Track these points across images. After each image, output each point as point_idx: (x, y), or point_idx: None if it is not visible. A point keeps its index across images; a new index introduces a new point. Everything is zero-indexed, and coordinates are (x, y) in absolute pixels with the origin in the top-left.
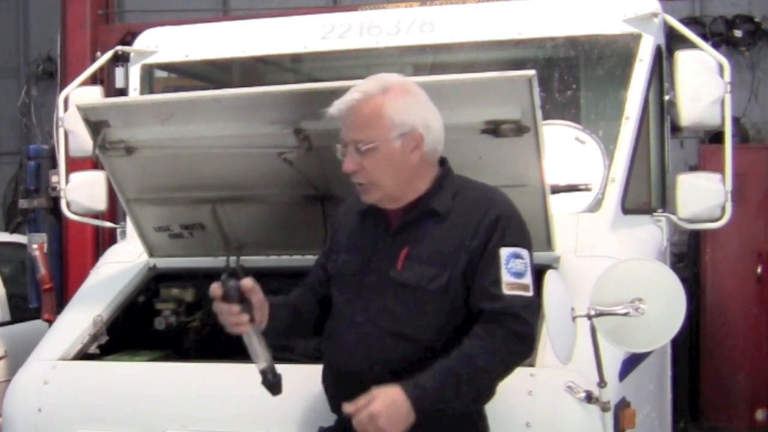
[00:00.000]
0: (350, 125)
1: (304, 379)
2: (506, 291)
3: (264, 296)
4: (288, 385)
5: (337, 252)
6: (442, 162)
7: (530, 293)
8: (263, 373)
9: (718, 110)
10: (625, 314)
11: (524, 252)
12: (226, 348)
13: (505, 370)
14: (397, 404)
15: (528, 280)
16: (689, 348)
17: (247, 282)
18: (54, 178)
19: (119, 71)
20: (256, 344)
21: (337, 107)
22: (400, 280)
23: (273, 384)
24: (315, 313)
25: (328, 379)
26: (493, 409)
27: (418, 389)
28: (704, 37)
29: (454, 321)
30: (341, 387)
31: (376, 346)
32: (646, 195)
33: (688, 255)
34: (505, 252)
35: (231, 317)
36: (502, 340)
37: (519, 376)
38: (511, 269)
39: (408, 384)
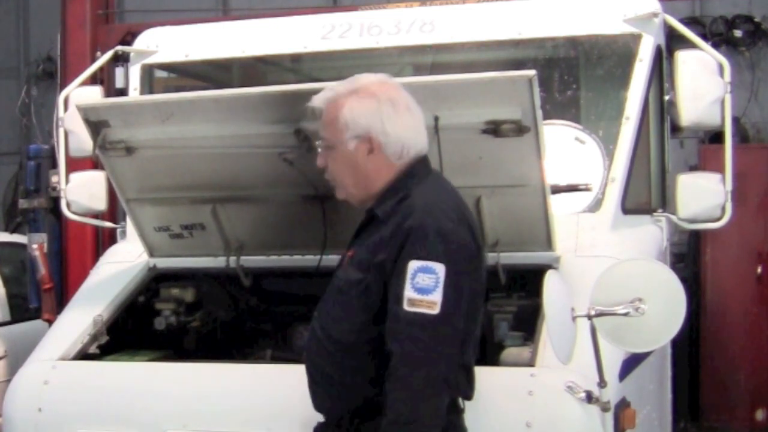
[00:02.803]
0: (320, 122)
1: (304, 379)
2: (407, 308)
3: None
4: (288, 385)
5: None
6: (422, 163)
7: (435, 311)
8: None
9: (718, 110)
10: (625, 314)
11: (438, 267)
12: (226, 348)
13: (423, 396)
14: None
15: (436, 297)
16: (689, 348)
17: None
18: (54, 178)
19: (119, 71)
20: None
21: (314, 102)
22: (335, 282)
23: None
24: None
25: None
26: (493, 409)
27: None
28: (704, 37)
29: (377, 323)
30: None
31: (313, 345)
32: (646, 195)
33: (688, 255)
34: (412, 266)
35: None
36: (404, 378)
37: (519, 376)
38: (417, 284)
39: None
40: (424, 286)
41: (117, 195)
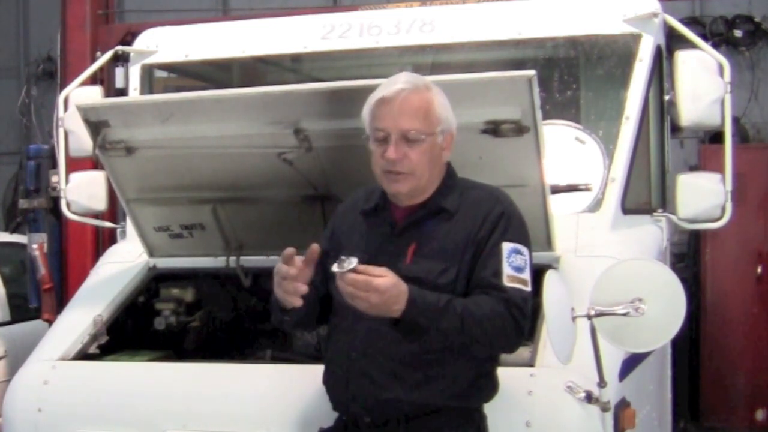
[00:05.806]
0: (398, 114)
1: (304, 379)
2: (507, 283)
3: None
4: (288, 385)
5: (338, 250)
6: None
7: (529, 288)
8: None
9: (718, 110)
10: (625, 314)
11: (524, 249)
12: (226, 348)
13: (494, 340)
14: (398, 294)
15: (527, 275)
16: (689, 348)
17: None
18: (54, 178)
19: (119, 71)
20: None
21: (383, 93)
22: (409, 274)
23: None
24: (317, 311)
25: (330, 377)
26: (493, 409)
27: (419, 294)
28: (704, 37)
29: None
30: (349, 383)
31: (384, 341)
32: (646, 195)
33: (688, 255)
34: (507, 246)
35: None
36: (502, 314)
37: (519, 376)
38: (512, 263)
39: (414, 288)
40: (518, 265)
41: (117, 195)
